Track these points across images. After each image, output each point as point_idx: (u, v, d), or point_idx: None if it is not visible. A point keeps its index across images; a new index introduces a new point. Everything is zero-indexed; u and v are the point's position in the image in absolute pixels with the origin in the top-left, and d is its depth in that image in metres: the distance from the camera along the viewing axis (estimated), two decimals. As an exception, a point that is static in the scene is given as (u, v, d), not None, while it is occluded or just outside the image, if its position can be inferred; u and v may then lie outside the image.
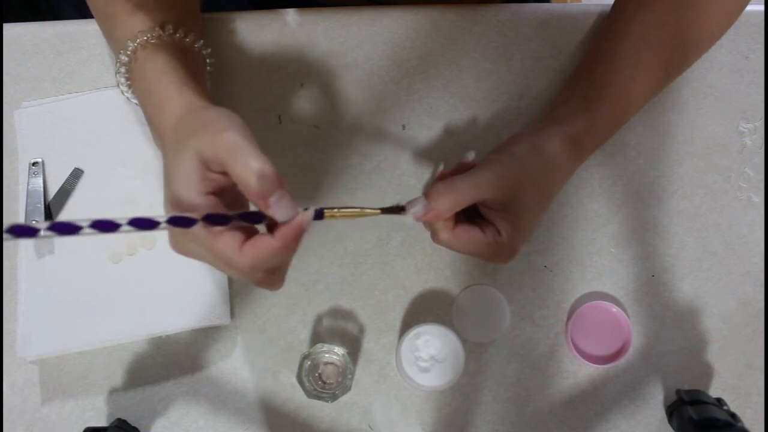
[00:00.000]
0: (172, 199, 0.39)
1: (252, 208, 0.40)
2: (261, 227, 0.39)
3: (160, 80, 0.46)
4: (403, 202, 0.45)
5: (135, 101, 0.51)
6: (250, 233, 0.38)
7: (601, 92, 0.52)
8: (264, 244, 0.37)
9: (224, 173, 0.38)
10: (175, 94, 0.44)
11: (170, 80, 0.45)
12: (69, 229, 0.34)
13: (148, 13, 0.49)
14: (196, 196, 0.38)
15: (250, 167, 0.36)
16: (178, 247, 0.40)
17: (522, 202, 0.46)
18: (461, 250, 0.46)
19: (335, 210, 0.41)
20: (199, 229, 0.37)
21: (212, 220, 0.37)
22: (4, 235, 0.31)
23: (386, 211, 0.44)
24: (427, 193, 0.44)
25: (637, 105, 0.54)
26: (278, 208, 0.36)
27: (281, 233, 0.37)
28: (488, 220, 0.46)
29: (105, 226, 0.35)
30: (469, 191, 0.44)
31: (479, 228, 0.46)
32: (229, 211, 0.38)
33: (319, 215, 0.40)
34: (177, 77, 0.45)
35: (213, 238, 0.37)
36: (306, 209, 0.39)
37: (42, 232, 0.33)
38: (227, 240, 0.37)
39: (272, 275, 0.40)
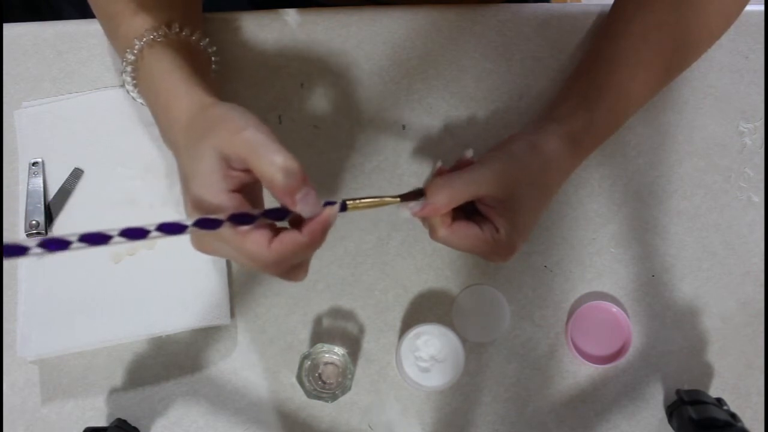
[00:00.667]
0: (193, 199, 0.38)
1: (267, 204, 0.40)
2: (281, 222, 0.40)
3: (168, 78, 0.45)
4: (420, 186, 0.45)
5: (141, 101, 0.51)
6: (273, 228, 0.38)
7: (600, 92, 0.52)
8: (292, 239, 0.37)
9: (245, 170, 0.38)
10: (184, 92, 0.44)
11: (178, 78, 0.45)
12: (98, 239, 0.34)
13: (152, 13, 0.48)
14: (219, 194, 0.38)
15: (275, 163, 0.36)
16: (202, 246, 0.40)
17: (520, 199, 0.46)
18: (459, 247, 0.46)
19: (357, 201, 0.41)
20: (226, 229, 0.37)
21: (238, 219, 0.37)
22: None
23: (405, 197, 0.44)
24: (425, 188, 0.45)
25: (636, 104, 0.54)
26: (305, 204, 0.36)
27: (309, 229, 0.37)
28: (487, 218, 0.46)
29: (134, 233, 0.34)
30: (466, 187, 0.45)
31: (477, 225, 0.46)
32: (254, 210, 0.38)
33: (343, 208, 0.40)
34: (185, 75, 0.45)
35: (240, 237, 0.37)
36: (328, 203, 0.39)
37: (75, 244, 0.33)
38: (256, 238, 0.37)
39: (297, 268, 0.41)
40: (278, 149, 0.36)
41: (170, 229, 0.35)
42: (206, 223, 0.36)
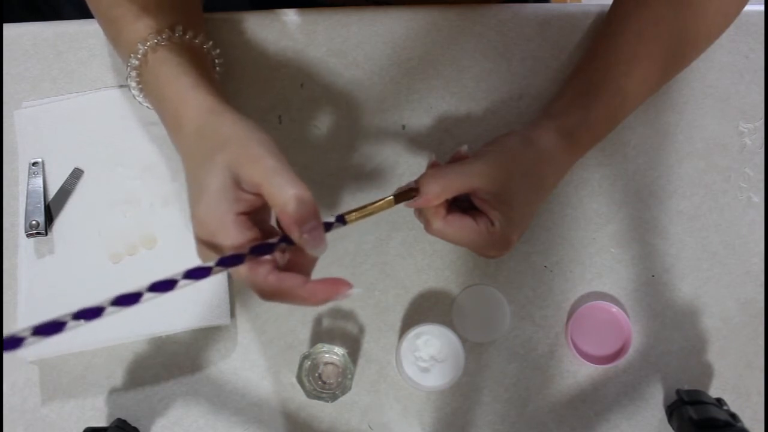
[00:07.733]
0: (199, 219, 0.39)
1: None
2: None
3: (174, 83, 0.45)
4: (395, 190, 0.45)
5: (147, 104, 0.50)
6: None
7: (595, 88, 0.52)
8: (290, 285, 0.37)
9: (256, 194, 0.38)
10: (192, 97, 0.44)
11: (184, 83, 0.45)
12: (130, 300, 0.36)
13: (155, 16, 0.48)
14: (226, 216, 0.38)
15: (289, 192, 0.36)
16: (204, 258, 0.40)
17: (514, 192, 0.46)
18: (454, 239, 0.47)
19: (354, 213, 0.42)
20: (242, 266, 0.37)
21: (258, 251, 0.37)
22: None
23: (399, 198, 0.45)
24: (418, 180, 0.45)
25: (633, 101, 0.54)
26: (310, 237, 0.36)
27: (313, 290, 0.37)
28: (482, 212, 0.47)
29: (163, 287, 0.36)
30: (458, 178, 0.45)
31: (472, 218, 0.46)
32: (273, 239, 0.38)
33: (341, 221, 0.41)
34: (191, 80, 0.45)
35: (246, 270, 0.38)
36: (329, 222, 0.40)
37: (107, 308, 0.36)
38: (255, 266, 0.38)
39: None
40: (294, 178, 0.37)
41: (197, 274, 0.36)
42: (229, 261, 0.37)
